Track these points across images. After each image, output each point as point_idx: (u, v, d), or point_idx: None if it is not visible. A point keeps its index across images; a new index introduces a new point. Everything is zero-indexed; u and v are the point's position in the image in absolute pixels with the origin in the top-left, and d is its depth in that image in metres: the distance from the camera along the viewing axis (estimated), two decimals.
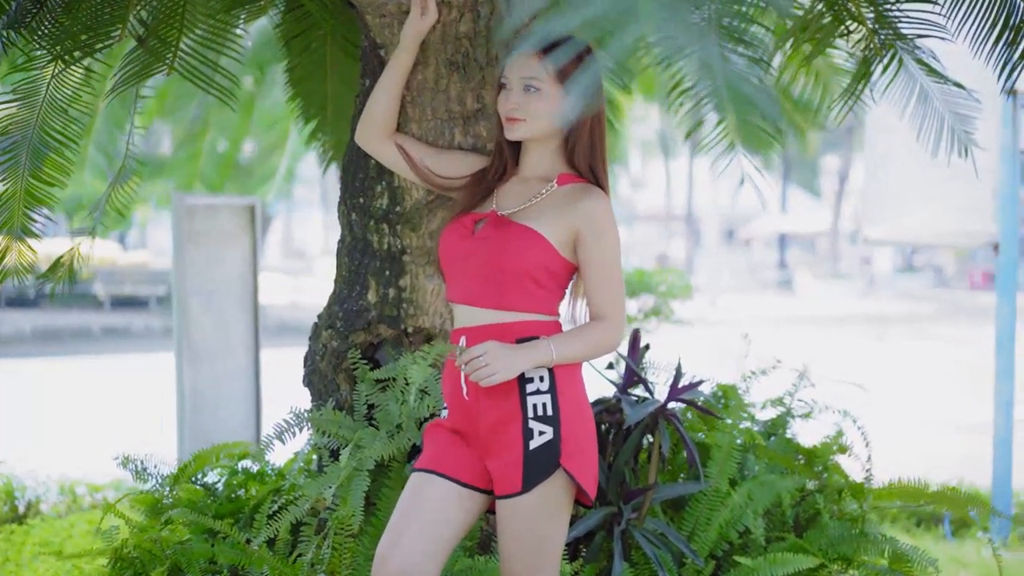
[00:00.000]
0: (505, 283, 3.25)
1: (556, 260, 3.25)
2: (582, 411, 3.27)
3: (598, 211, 3.26)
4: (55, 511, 7.45)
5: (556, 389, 3.22)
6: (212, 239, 8.46)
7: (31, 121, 4.81)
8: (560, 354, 3.21)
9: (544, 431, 3.20)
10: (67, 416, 12.99)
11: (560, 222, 3.26)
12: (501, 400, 3.24)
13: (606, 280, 3.27)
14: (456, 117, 3.96)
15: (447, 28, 3.89)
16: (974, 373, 15.83)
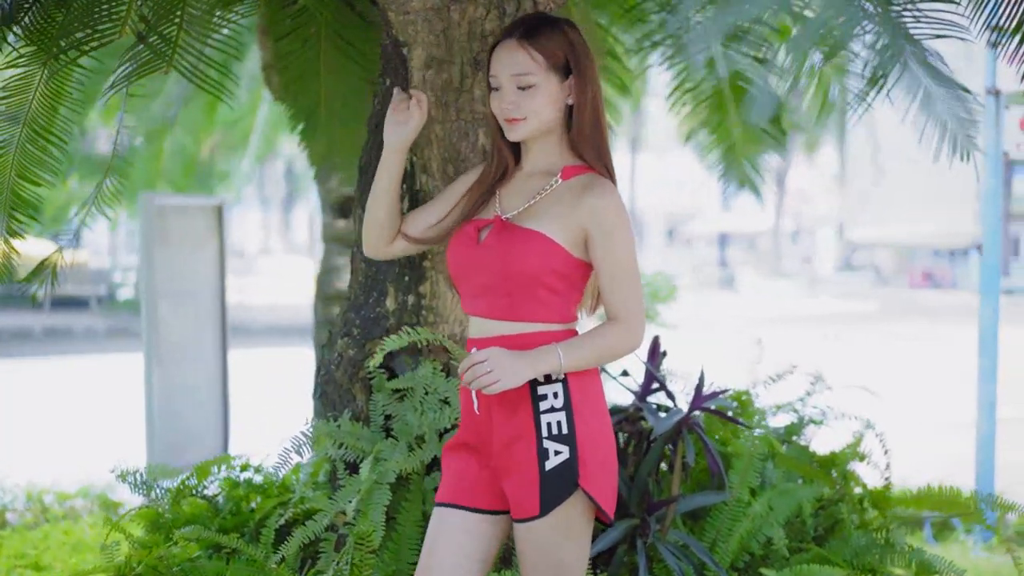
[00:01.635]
0: (515, 292, 3.06)
1: (567, 261, 3.05)
2: (601, 426, 3.08)
3: (605, 208, 3.04)
4: (24, 521, 7.23)
5: (571, 405, 3.03)
6: (180, 240, 8.28)
7: (20, 119, 4.65)
8: (570, 361, 3.01)
9: (560, 451, 3.01)
10: (20, 421, 12.69)
11: (567, 220, 3.05)
12: (512, 416, 3.06)
13: (619, 280, 3.06)
14: (480, 118, 3.83)
15: (473, 26, 3.77)
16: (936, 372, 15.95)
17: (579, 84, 3.09)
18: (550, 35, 3.08)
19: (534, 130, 3.13)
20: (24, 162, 4.70)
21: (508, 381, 2.98)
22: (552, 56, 3.08)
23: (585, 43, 3.13)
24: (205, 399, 8.65)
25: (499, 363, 2.98)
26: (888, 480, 4.55)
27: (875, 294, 36.04)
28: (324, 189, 7.41)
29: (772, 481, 4.45)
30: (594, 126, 3.13)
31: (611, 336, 3.06)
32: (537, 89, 3.09)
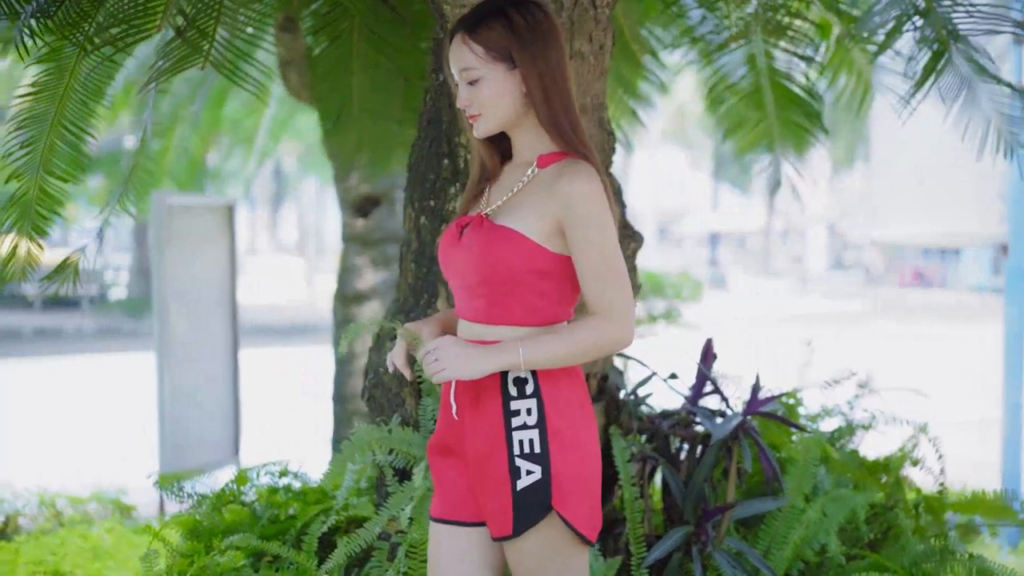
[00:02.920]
0: (489, 293, 2.86)
1: (544, 258, 2.82)
2: (581, 443, 2.85)
3: (575, 194, 2.78)
4: (39, 526, 7.09)
5: (545, 423, 2.82)
6: (191, 240, 8.16)
7: (49, 115, 4.54)
8: (531, 357, 2.78)
9: (532, 470, 2.81)
10: (18, 422, 12.55)
11: (541, 211, 2.81)
12: (485, 427, 2.88)
13: (596, 271, 2.79)
14: None
15: None
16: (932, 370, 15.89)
17: (525, 70, 2.85)
18: (490, 24, 2.87)
19: (494, 124, 2.92)
20: (52, 159, 4.59)
21: (455, 371, 2.79)
22: (492, 46, 2.86)
23: (537, 25, 2.88)
24: (215, 399, 8.54)
25: (446, 352, 2.81)
26: (943, 485, 4.46)
27: (865, 293, 36.04)
28: (343, 188, 7.29)
29: (825, 487, 4.35)
30: (559, 108, 2.88)
31: (587, 331, 2.80)
32: (483, 82, 2.88)
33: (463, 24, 2.90)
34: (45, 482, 8.34)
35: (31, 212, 4.54)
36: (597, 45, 3.77)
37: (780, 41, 5.14)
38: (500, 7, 2.90)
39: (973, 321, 25.77)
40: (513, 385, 2.85)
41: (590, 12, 3.73)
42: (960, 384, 14.09)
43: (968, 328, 23.94)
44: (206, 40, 4.32)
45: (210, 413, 8.45)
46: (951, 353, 18.99)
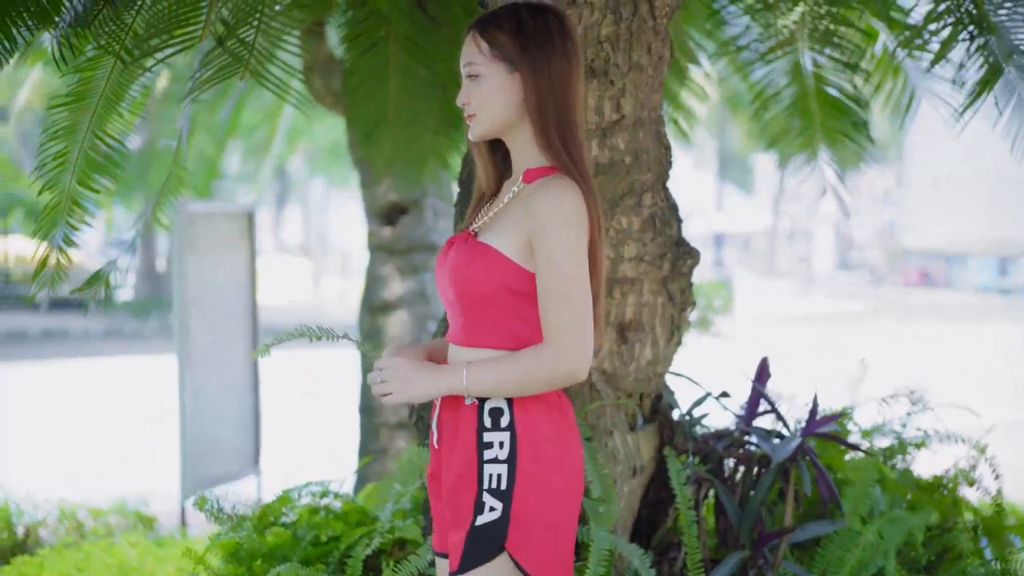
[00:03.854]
0: (466, 313, 2.74)
1: (520, 277, 2.68)
2: (549, 485, 2.68)
3: (542, 207, 2.63)
4: (59, 538, 6.99)
5: (515, 459, 2.66)
6: (211, 247, 8.05)
7: (83, 125, 4.44)
8: (475, 383, 2.64)
9: (495, 507, 2.66)
10: (31, 427, 12.43)
11: (516, 228, 2.68)
12: (459, 456, 2.74)
13: (552, 292, 2.62)
14: (594, 129, 3.62)
15: (588, 31, 3.56)
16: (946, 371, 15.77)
17: (525, 75, 2.73)
18: (501, 23, 2.78)
19: (487, 126, 2.79)
20: (85, 170, 4.49)
21: (401, 393, 2.69)
22: (497, 44, 2.75)
23: (547, 33, 2.76)
24: (236, 408, 8.44)
25: (394, 374, 2.70)
26: (1000, 506, 4.35)
27: (870, 294, 35.94)
28: (370, 195, 7.18)
29: (880, 508, 4.25)
30: (554, 120, 2.74)
31: (533, 359, 2.64)
32: (482, 80, 2.76)
33: (478, 20, 2.82)
34: (61, 490, 8.27)
35: (63, 223, 4.44)
36: (656, 57, 3.67)
37: (825, 48, 5.04)
38: (516, 9, 2.80)
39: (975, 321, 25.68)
40: (489, 416, 2.71)
41: (648, 23, 3.63)
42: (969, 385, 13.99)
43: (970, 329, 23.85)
44: (246, 49, 4.23)
45: (230, 421, 8.35)
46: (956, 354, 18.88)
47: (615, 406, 3.84)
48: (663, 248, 3.78)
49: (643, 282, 3.77)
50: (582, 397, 3.78)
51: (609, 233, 3.69)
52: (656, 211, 3.76)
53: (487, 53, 2.76)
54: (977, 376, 14.88)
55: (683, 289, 3.88)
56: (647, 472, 3.95)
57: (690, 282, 3.92)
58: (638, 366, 3.84)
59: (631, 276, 3.74)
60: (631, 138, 3.67)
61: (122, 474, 9.96)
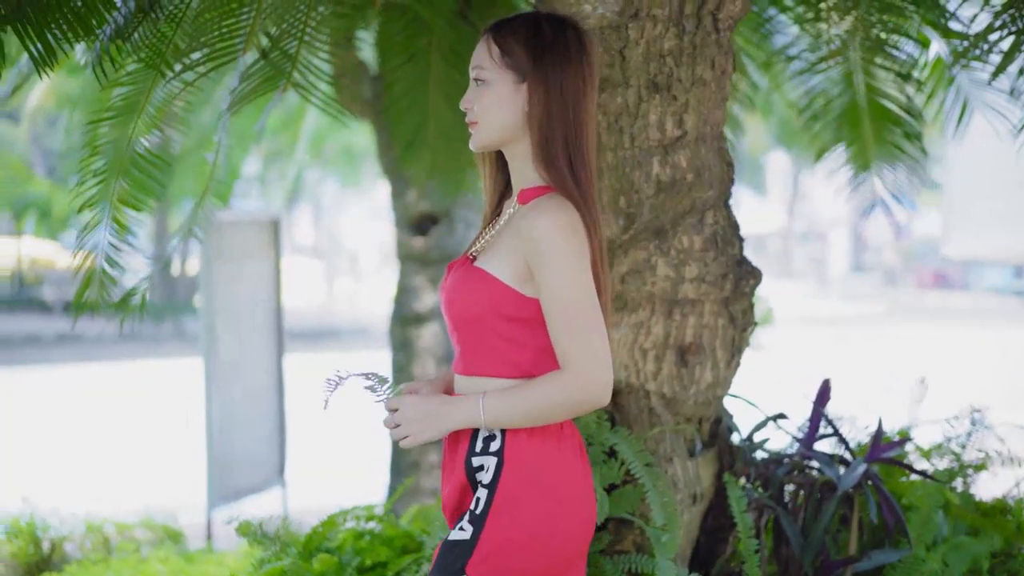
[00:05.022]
0: (465, 340, 2.64)
1: (514, 302, 2.57)
2: (525, 523, 2.56)
3: (537, 231, 2.53)
4: (85, 553, 6.88)
5: (497, 485, 2.57)
6: (238, 255, 7.96)
7: (124, 140, 4.34)
8: (493, 414, 2.55)
9: (465, 528, 2.58)
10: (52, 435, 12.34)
11: (509, 251, 2.58)
12: (455, 481, 2.67)
13: (559, 318, 2.53)
14: (655, 146, 3.50)
15: (650, 45, 3.45)
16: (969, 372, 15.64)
17: (532, 86, 2.61)
18: (516, 30, 2.65)
19: (487, 136, 2.66)
20: (127, 188, 4.40)
21: (419, 435, 2.60)
22: (509, 51, 2.63)
23: (563, 46, 2.64)
24: (261, 418, 8.34)
25: (408, 414, 2.61)
26: None
27: (885, 295, 35.78)
28: (400, 204, 7.08)
29: (943, 534, 4.12)
30: (558, 137, 2.62)
31: (549, 388, 2.54)
32: (488, 86, 2.64)
33: (494, 23, 2.70)
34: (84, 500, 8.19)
35: (104, 242, 4.34)
36: (719, 71, 3.55)
37: (876, 58, 4.92)
38: (535, 18, 2.68)
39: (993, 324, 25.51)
40: (481, 440, 2.62)
41: (712, 36, 3.51)
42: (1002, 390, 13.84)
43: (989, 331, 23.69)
44: (290, 62, 4.13)
45: (256, 432, 8.26)
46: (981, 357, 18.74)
47: (674, 431, 3.72)
48: (725, 268, 3.66)
49: (704, 303, 3.65)
50: (640, 423, 3.68)
51: (670, 253, 3.57)
52: (718, 229, 3.65)
53: (497, 59, 2.64)
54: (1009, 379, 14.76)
55: (745, 310, 3.76)
56: (706, 499, 3.83)
57: (752, 303, 3.80)
58: (698, 390, 3.72)
59: (692, 297, 3.62)
60: (693, 155, 3.55)
61: (145, 483, 9.86)
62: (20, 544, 6.75)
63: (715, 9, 3.49)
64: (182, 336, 21.65)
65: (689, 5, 3.45)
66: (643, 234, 3.54)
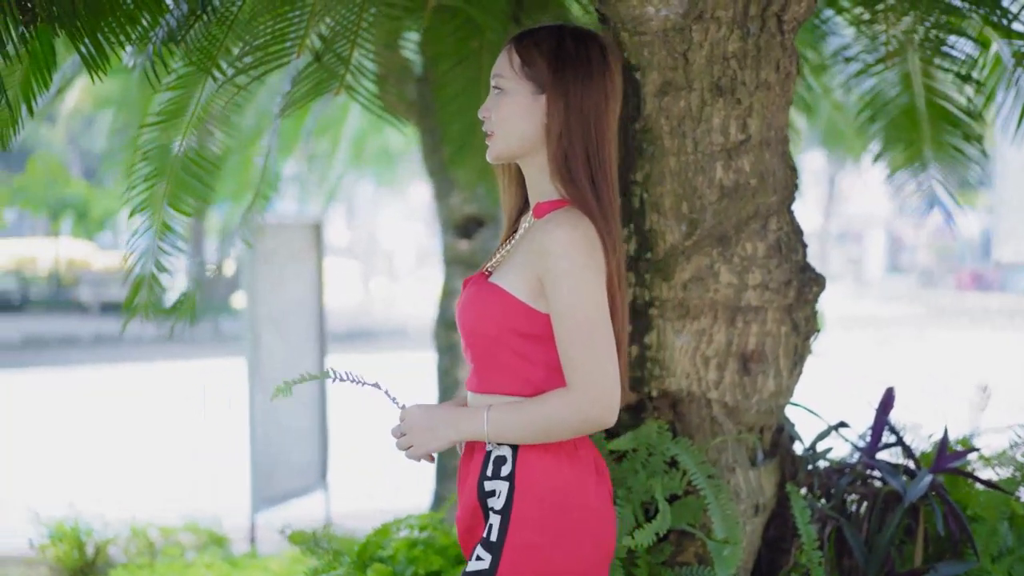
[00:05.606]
0: (478, 357, 2.60)
1: (527, 318, 2.53)
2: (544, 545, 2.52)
3: (550, 244, 2.48)
4: (129, 556, 6.86)
5: (510, 510, 2.52)
6: (281, 258, 7.93)
7: (173, 144, 4.31)
8: (497, 428, 2.51)
9: (483, 557, 2.53)
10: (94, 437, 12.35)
11: (523, 266, 2.53)
12: (467, 504, 2.63)
13: (567, 335, 2.47)
14: (718, 150, 3.43)
15: (714, 47, 3.38)
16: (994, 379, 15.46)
17: (553, 101, 2.56)
18: (539, 41, 2.60)
19: (504, 148, 2.62)
20: (177, 192, 4.36)
21: (422, 445, 2.58)
22: (530, 62, 2.58)
23: (586, 59, 2.58)
24: (304, 422, 8.31)
25: (412, 425, 2.58)
26: None
27: (922, 297, 35.52)
28: (445, 207, 7.03)
29: (1008, 545, 4.03)
30: (578, 151, 2.56)
31: (553, 405, 2.49)
32: (507, 96, 2.59)
33: (518, 33, 2.66)
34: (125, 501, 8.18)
35: (154, 248, 4.31)
36: (783, 73, 3.48)
37: (935, 59, 4.83)
38: (559, 30, 2.62)
39: None
40: (493, 463, 2.56)
41: (777, 38, 3.44)
42: None
43: None
44: (342, 64, 4.09)
45: (298, 436, 8.22)
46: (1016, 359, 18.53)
47: (736, 441, 3.65)
48: (788, 275, 3.59)
49: (767, 310, 3.58)
50: (702, 432, 3.61)
51: (733, 260, 3.51)
52: (782, 235, 3.58)
53: (517, 69, 2.59)
54: None
55: (808, 317, 3.69)
56: (768, 509, 3.76)
57: (815, 310, 3.72)
58: (760, 398, 3.65)
59: (755, 304, 3.55)
60: (757, 159, 3.48)
61: (187, 486, 9.85)
62: (64, 548, 6.75)
63: (780, 11, 3.42)
64: (219, 336, 21.69)
65: (754, 7, 3.38)
66: (706, 240, 3.48)
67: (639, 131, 3.46)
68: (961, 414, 4.87)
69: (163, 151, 4.28)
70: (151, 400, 14.80)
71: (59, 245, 27.72)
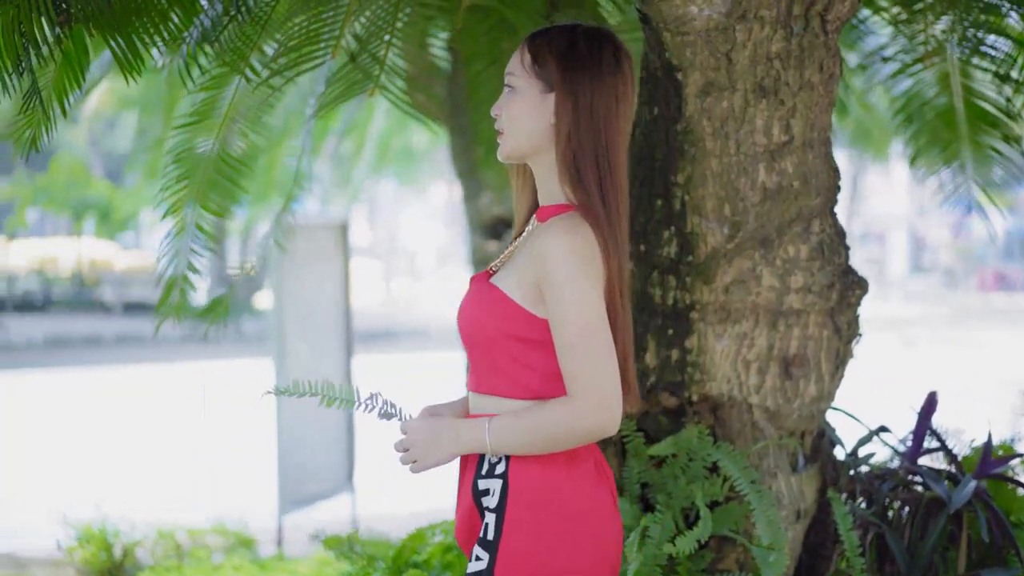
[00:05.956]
0: (477, 359, 2.56)
1: (526, 322, 2.48)
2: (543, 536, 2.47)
3: (548, 252, 2.43)
4: (156, 558, 6.84)
5: (505, 508, 2.48)
6: (308, 259, 7.90)
7: (206, 145, 4.29)
8: (498, 440, 2.46)
9: (481, 557, 2.49)
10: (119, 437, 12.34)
11: (522, 270, 2.49)
12: (463, 502, 2.59)
13: (566, 344, 2.42)
14: (761, 152, 3.39)
15: (757, 47, 3.33)
16: None
17: (561, 101, 2.50)
18: (552, 39, 2.54)
19: (513, 147, 2.57)
20: (207, 192, 4.34)
21: (426, 459, 2.53)
22: (540, 60, 2.53)
23: (597, 59, 2.52)
24: (331, 424, 8.28)
25: (415, 439, 2.53)
26: None
27: (946, 297, 35.34)
28: (473, 208, 7.00)
29: None
30: (586, 153, 2.49)
31: (554, 415, 2.44)
32: (516, 94, 2.55)
33: (533, 32, 2.61)
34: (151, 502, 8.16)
35: (185, 250, 4.29)
36: (827, 74, 3.43)
37: (973, 58, 4.77)
38: (572, 29, 2.57)
39: None
40: (488, 463, 2.53)
41: (820, 38, 3.39)
42: None
43: None
44: (377, 64, 4.05)
45: (325, 438, 8.20)
46: None
47: (778, 446, 3.61)
48: (831, 278, 3.54)
49: (809, 314, 3.54)
50: (743, 437, 3.56)
51: (775, 262, 3.46)
52: (824, 238, 3.53)
53: (528, 67, 2.54)
54: None
55: (850, 321, 3.64)
56: (809, 515, 3.71)
57: (857, 314, 3.68)
58: (802, 403, 3.60)
59: (797, 308, 3.51)
60: (800, 161, 3.44)
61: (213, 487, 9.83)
62: (92, 550, 6.74)
63: (823, 10, 3.37)
64: (241, 336, 21.68)
65: (797, 6, 3.34)
66: (748, 243, 3.43)
67: (680, 132, 3.42)
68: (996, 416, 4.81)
69: (194, 152, 4.25)
70: (173, 400, 14.79)
71: (81, 245, 27.79)
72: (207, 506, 8.54)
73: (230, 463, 10.63)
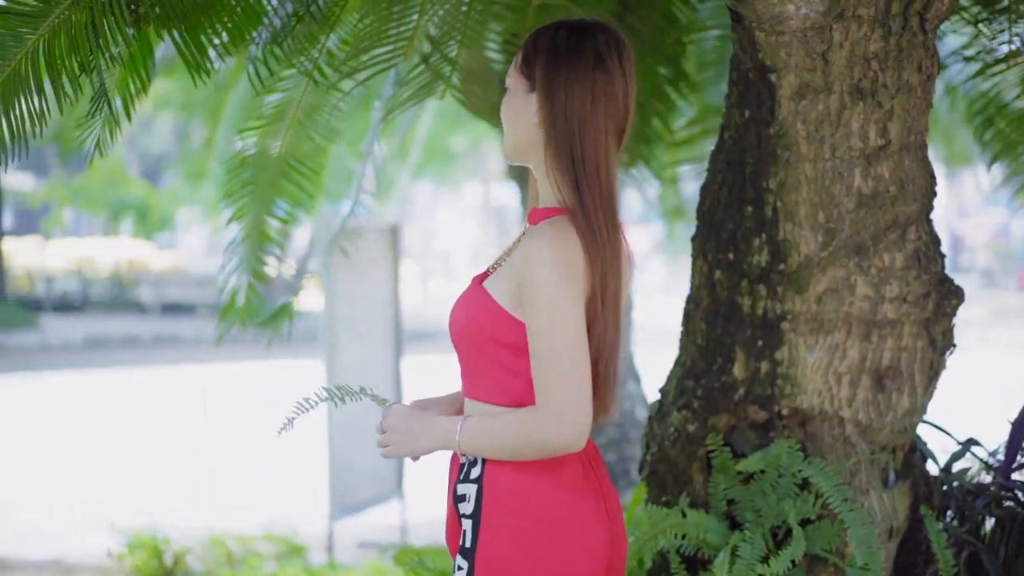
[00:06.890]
0: (464, 361, 2.49)
1: (511, 328, 2.39)
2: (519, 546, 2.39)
3: (531, 258, 2.33)
4: (207, 566, 6.76)
5: (480, 514, 2.40)
6: (358, 262, 7.80)
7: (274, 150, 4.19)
8: (467, 440, 2.39)
9: (462, 566, 2.42)
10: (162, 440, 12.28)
11: (510, 274, 2.40)
12: (450, 509, 2.50)
13: (539, 353, 2.33)
14: (857, 155, 3.26)
15: (855, 47, 3.20)
16: None
17: (540, 99, 2.40)
18: (540, 36, 2.45)
19: (511, 147, 2.48)
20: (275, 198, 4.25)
21: (398, 447, 2.47)
22: (528, 59, 2.44)
23: (580, 53, 2.40)
24: None
25: (393, 425, 2.47)
26: None
27: (985, 297, 34.99)
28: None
29: None
30: (574, 153, 2.37)
31: (521, 424, 2.35)
32: (508, 95, 2.47)
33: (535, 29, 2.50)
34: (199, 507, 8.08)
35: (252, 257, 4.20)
36: (925, 75, 3.30)
37: None
38: (559, 25, 2.47)
39: None
40: (466, 467, 2.45)
41: (919, 37, 3.26)
42: None
43: None
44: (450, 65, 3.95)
45: (375, 443, 8.09)
46: None
47: (869, 462, 3.47)
48: (927, 287, 3.41)
49: (904, 324, 3.40)
50: (835, 452, 3.44)
51: (870, 271, 3.33)
52: (920, 246, 3.40)
53: (518, 65, 2.46)
54: None
55: (945, 332, 3.51)
56: (901, 533, 3.58)
57: (952, 324, 3.54)
58: (895, 416, 3.47)
59: (892, 318, 3.38)
60: (896, 166, 3.31)
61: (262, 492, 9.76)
62: (142, 557, 6.67)
63: (922, 8, 3.24)
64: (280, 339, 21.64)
65: (896, 4, 3.20)
66: (842, 251, 3.31)
67: (773, 136, 3.29)
68: None
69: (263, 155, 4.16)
70: (214, 401, 14.74)
71: (118, 246, 27.82)
72: (254, 511, 8.47)
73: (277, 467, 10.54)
